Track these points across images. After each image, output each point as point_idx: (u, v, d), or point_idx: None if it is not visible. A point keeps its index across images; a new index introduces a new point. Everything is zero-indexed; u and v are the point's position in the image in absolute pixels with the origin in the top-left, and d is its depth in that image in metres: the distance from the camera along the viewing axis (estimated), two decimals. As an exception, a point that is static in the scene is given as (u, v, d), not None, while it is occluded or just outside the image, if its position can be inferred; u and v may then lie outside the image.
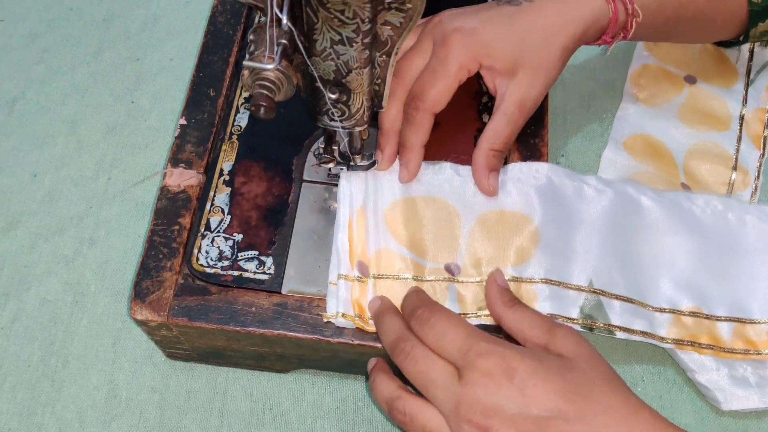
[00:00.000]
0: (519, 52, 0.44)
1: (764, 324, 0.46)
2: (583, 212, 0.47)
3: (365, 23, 0.37)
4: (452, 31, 0.44)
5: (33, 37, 0.65)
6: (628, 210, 0.48)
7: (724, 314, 0.46)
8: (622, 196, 0.48)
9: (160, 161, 0.58)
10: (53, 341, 0.51)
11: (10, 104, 0.61)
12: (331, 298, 0.44)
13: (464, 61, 0.44)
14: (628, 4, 0.47)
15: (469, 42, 0.44)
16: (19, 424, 0.48)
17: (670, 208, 0.49)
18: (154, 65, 0.63)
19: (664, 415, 0.48)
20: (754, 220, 0.49)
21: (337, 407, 0.49)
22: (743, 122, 0.59)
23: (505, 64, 0.45)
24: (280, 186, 0.49)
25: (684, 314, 0.46)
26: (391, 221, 0.46)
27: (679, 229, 0.48)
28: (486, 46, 0.44)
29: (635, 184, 0.49)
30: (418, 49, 0.45)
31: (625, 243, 0.47)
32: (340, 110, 0.43)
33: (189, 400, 0.49)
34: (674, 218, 0.48)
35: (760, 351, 0.46)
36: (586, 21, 0.46)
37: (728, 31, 0.53)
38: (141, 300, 0.44)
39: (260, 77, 0.39)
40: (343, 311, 0.43)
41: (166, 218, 0.47)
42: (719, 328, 0.46)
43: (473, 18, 0.45)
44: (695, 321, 0.46)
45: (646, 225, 0.48)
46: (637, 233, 0.48)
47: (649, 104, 0.60)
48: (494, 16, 0.45)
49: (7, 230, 0.56)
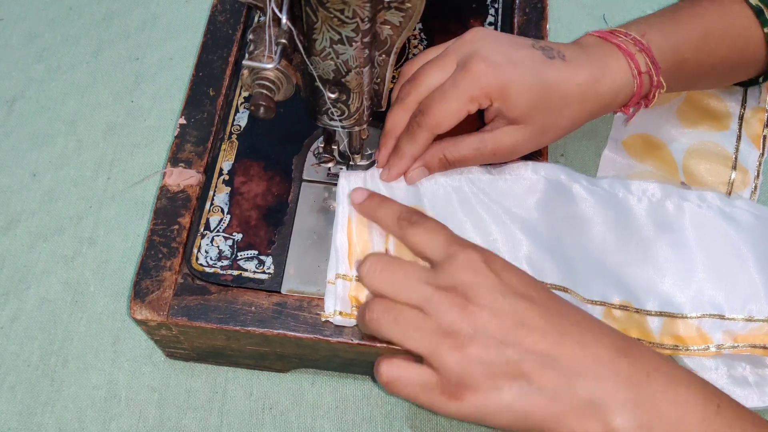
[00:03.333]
0: (532, 109, 0.43)
1: (694, 319, 0.45)
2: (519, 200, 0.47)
3: (365, 22, 0.37)
4: (478, 60, 0.42)
5: (32, 36, 0.65)
6: (559, 198, 0.47)
7: (654, 308, 0.46)
8: (553, 184, 0.47)
9: (159, 161, 0.58)
10: (53, 341, 0.51)
11: (10, 103, 0.61)
12: (329, 298, 0.44)
13: (477, 95, 0.43)
14: (653, 76, 0.45)
15: (490, 79, 0.42)
16: (18, 423, 0.48)
17: (601, 197, 0.48)
18: (153, 64, 0.63)
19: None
20: (692, 207, 0.48)
21: (337, 407, 0.49)
22: (743, 121, 0.59)
23: (514, 112, 0.43)
24: (280, 185, 0.49)
25: (615, 307, 0.45)
26: None
27: (609, 219, 0.47)
28: (503, 89, 0.42)
29: (569, 172, 0.48)
30: (441, 64, 0.44)
31: (557, 233, 0.47)
32: (340, 110, 0.43)
33: (189, 400, 0.49)
34: (605, 208, 0.47)
35: (688, 347, 0.45)
36: (609, 96, 0.44)
37: (748, 72, 0.53)
38: (141, 299, 0.44)
39: (260, 77, 0.39)
40: (341, 309, 0.43)
41: (166, 218, 0.47)
42: (649, 322, 0.45)
43: (504, 53, 0.43)
44: (625, 315, 0.46)
45: (577, 215, 0.47)
46: (568, 223, 0.47)
47: (649, 104, 0.60)
48: (525, 60, 0.43)
49: (7, 230, 0.56)
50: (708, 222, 0.49)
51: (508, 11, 0.56)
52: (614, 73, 0.44)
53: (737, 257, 0.47)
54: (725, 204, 0.50)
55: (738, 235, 0.49)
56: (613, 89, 0.44)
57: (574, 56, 0.44)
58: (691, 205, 0.49)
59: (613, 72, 0.44)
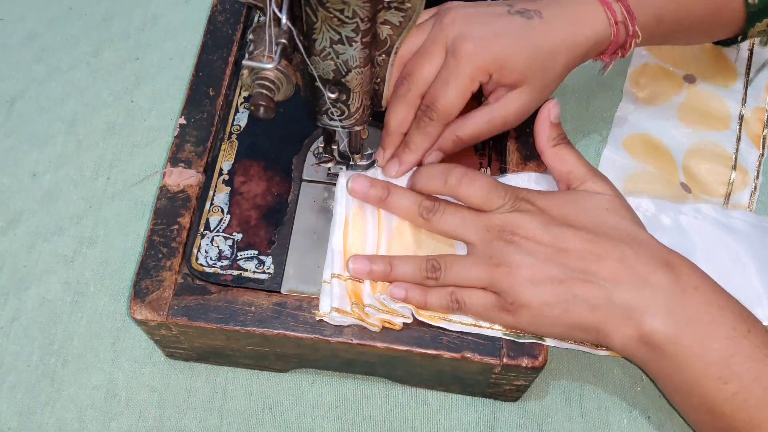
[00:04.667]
0: (527, 68, 0.45)
1: None
2: None
3: (364, 22, 0.37)
4: (466, 41, 0.44)
5: (32, 36, 0.65)
6: None
7: None
8: None
9: (159, 161, 0.58)
10: (53, 341, 0.51)
11: (10, 104, 0.61)
12: (324, 297, 0.44)
13: (476, 74, 0.44)
14: (629, 26, 0.47)
15: (481, 54, 0.44)
16: (18, 423, 0.48)
17: None
18: (153, 65, 0.63)
19: (664, 414, 0.48)
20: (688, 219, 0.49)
21: (337, 406, 0.49)
22: (743, 121, 0.59)
23: (512, 78, 0.45)
24: (280, 185, 0.49)
25: None
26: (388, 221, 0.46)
27: None
28: (497, 60, 0.44)
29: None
30: (430, 54, 0.45)
31: None
32: (340, 109, 0.43)
33: (188, 400, 0.49)
34: None
35: None
36: (590, 42, 0.46)
37: (726, 32, 0.54)
38: (140, 299, 0.44)
39: (260, 77, 0.39)
40: (338, 306, 0.43)
41: (166, 218, 0.47)
42: None
43: (487, 27, 0.45)
44: None
45: None
46: None
47: (649, 104, 0.60)
48: (506, 27, 0.45)
49: (7, 230, 0.56)
50: (705, 231, 0.49)
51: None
52: (591, 22, 0.46)
53: (737, 264, 0.47)
54: (721, 215, 0.50)
55: (736, 242, 0.49)
56: (592, 37, 0.46)
57: (551, 13, 0.46)
58: (687, 217, 0.49)
59: (591, 21, 0.46)
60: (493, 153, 0.50)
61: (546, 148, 0.46)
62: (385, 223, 0.46)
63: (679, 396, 0.41)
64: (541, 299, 0.41)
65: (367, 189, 0.45)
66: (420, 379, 0.48)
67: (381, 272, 0.44)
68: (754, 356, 0.38)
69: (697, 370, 0.39)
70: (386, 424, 0.48)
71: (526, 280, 0.41)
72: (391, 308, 0.43)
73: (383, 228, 0.46)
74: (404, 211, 0.46)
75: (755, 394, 0.38)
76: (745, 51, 0.62)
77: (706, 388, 0.39)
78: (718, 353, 0.38)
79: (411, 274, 0.44)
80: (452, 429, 0.48)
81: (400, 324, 0.43)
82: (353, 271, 0.44)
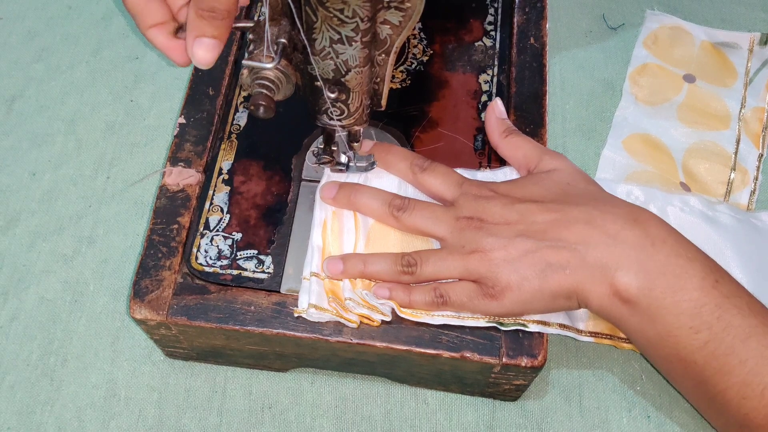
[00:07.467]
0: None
1: None
2: None
3: (364, 22, 0.37)
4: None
5: (32, 35, 0.65)
6: None
7: None
8: None
9: (159, 160, 0.58)
10: (52, 340, 0.51)
11: (9, 103, 0.61)
12: (302, 294, 0.44)
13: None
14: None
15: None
16: (18, 422, 0.48)
17: None
18: (153, 64, 0.63)
19: (663, 414, 0.48)
20: (675, 211, 0.50)
21: (336, 406, 0.49)
22: (742, 121, 0.59)
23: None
24: (279, 185, 0.49)
25: None
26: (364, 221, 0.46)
27: None
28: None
29: None
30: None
31: None
32: (339, 109, 0.43)
33: (188, 399, 0.49)
34: None
35: None
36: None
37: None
38: (140, 299, 0.44)
39: (259, 76, 0.39)
40: (316, 302, 0.43)
41: (165, 217, 0.47)
42: None
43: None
44: None
45: None
46: None
47: (648, 103, 0.60)
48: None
49: (6, 229, 0.56)
50: (691, 225, 0.50)
51: (507, 10, 0.56)
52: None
53: (721, 259, 0.47)
54: (707, 208, 0.51)
55: (720, 237, 0.50)
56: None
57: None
58: (674, 209, 0.50)
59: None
60: (493, 153, 0.50)
61: (499, 141, 0.48)
62: (361, 223, 0.46)
63: (653, 349, 0.41)
64: (520, 274, 0.41)
65: (334, 193, 0.46)
66: (419, 379, 0.48)
67: (355, 270, 0.44)
68: (723, 305, 0.39)
69: (669, 320, 0.40)
70: (386, 423, 0.48)
71: (502, 260, 0.42)
72: (372, 304, 0.43)
73: (360, 228, 0.46)
74: (374, 212, 0.46)
75: (725, 342, 0.39)
76: (745, 51, 0.62)
77: (678, 339, 0.40)
78: (689, 303, 0.39)
79: (386, 271, 0.44)
80: (452, 428, 0.48)
81: (378, 321, 0.43)
82: (328, 272, 0.44)
